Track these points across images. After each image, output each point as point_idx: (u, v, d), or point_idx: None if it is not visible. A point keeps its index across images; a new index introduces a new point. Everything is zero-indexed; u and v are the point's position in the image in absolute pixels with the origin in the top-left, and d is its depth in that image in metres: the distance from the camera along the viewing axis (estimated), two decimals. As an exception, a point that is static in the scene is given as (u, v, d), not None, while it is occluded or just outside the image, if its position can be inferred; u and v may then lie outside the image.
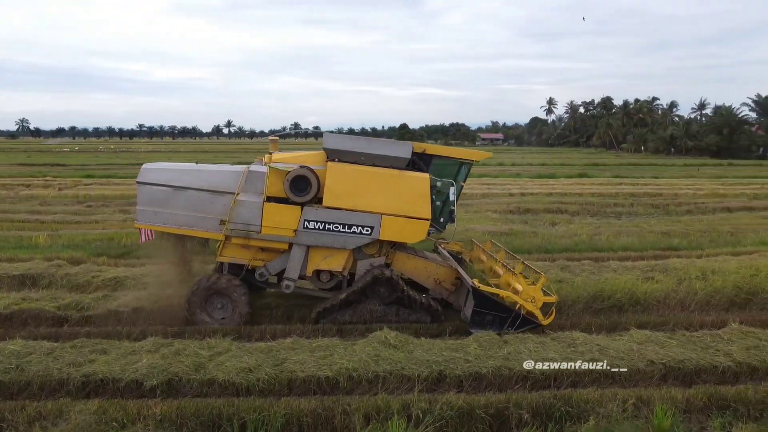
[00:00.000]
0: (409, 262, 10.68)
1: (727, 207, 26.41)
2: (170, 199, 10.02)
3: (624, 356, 8.37)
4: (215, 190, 9.98)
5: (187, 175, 10.16)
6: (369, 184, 9.86)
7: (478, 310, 9.46)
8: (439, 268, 10.78)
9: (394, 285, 10.12)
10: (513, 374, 7.90)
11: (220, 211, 9.94)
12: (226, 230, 9.88)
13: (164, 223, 10.06)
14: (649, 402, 7.10)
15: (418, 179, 9.96)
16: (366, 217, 9.84)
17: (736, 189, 34.13)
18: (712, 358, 8.40)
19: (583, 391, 7.44)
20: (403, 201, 9.89)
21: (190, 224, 10.05)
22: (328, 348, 8.56)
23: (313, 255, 10.16)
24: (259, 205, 9.83)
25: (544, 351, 8.49)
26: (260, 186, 9.95)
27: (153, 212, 10.05)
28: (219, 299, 10.14)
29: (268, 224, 9.81)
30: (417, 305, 10.19)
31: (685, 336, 9.16)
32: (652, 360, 8.26)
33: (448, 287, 10.68)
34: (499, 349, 8.53)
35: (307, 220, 9.80)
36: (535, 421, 6.81)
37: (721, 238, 18.33)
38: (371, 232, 9.89)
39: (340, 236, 9.89)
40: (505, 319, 9.43)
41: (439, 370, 7.88)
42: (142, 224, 10.14)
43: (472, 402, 6.99)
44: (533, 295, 9.52)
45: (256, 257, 10.35)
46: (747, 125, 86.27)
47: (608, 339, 9.01)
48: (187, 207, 10.00)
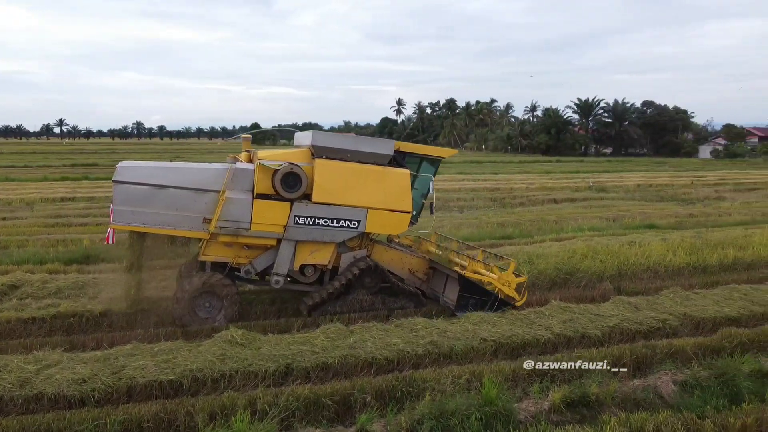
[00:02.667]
0: (386, 254, 11.22)
1: (554, 199, 29.22)
2: (150, 198, 9.67)
3: (460, 336, 9.02)
4: (198, 188, 9.80)
5: (168, 173, 9.86)
6: (355, 180, 10.27)
7: (463, 294, 10.46)
8: (412, 258, 11.49)
9: (380, 275, 10.65)
10: (359, 362, 8.18)
11: (203, 210, 9.81)
12: (214, 228, 9.74)
13: (144, 223, 9.71)
14: (480, 376, 7.73)
15: (400, 174, 10.55)
16: (353, 211, 10.26)
17: (562, 183, 37.85)
18: (535, 332, 9.32)
19: (423, 371, 7.91)
20: (387, 195, 10.41)
21: (171, 224, 9.78)
22: (171, 351, 8.26)
23: (300, 250, 10.37)
24: (249, 203, 9.82)
25: (387, 337, 8.89)
26: (248, 183, 9.92)
27: (131, 212, 9.65)
28: (207, 299, 10.01)
29: (258, 221, 9.88)
30: (401, 293, 10.79)
31: (514, 315, 10.06)
32: (485, 338, 8.99)
33: (421, 276, 11.43)
34: (345, 339, 8.79)
35: (297, 216, 10.01)
36: (378, 403, 7.12)
37: (547, 226, 20.27)
38: (358, 226, 10.34)
39: (328, 230, 10.22)
40: (485, 302, 10.45)
41: (286, 364, 7.95)
42: (119, 225, 9.74)
43: (318, 391, 7.15)
44: (508, 279, 10.57)
45: (240, 255, 10.36)
46: (571, 126, 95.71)
47: (447, 322, 9.63)
48: (168, 206, 9.72)
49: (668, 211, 24.98)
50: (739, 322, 10.21)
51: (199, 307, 10.04)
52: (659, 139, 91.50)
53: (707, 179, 42.30)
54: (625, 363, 8.37)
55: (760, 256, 14.54)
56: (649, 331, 9.66)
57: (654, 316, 10.13)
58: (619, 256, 14.04)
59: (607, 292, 11.89)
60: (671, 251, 14.42)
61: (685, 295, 11.25)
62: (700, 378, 7.63)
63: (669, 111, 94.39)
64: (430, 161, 11.37)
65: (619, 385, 7.42)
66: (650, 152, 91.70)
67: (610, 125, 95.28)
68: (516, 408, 6.87)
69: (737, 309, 10.61)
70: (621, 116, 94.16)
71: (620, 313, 10.20)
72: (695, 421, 6.65)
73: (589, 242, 15.73)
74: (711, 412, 6.89)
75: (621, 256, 13.99)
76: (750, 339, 9.23)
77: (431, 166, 11.39)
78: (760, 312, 10.56)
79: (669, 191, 34.34)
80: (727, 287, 11.91)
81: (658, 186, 37.21)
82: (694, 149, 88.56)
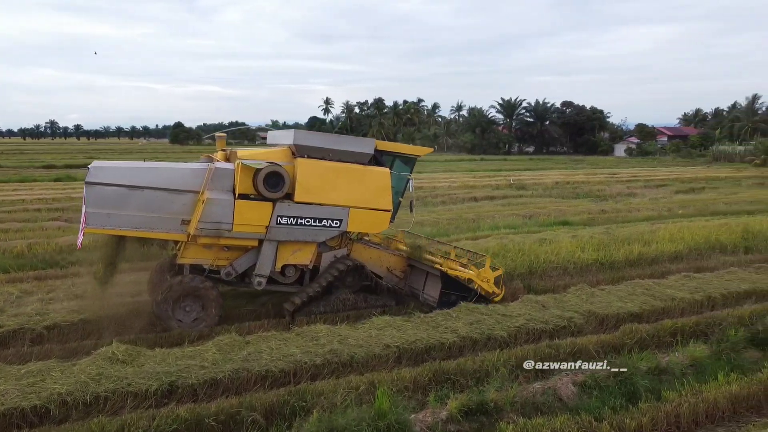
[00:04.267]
0: (365, 252, 11.25)
1: (474, 197, 29.45)
2: (125, 200, 9.32)
3: (363, 343, 8.62)
4: (175, 189, 9.51)
5: (144, 173, 9.51)
6: (337, 179, 10.21)
7: (445, 291, 10.71)
8: (390, 256, 11.60)
9: (363, 273, 10.67)
10: (251, 376, 7.63)
11: (181, 211, 9.56)
12: (195, 230, 9.45)
13: (119, 226, 9.36)
14: (380, 384, 7.36)
15: (381, 173, 10.57)
16: (335, 210, 10.20)
17: (484, 181, 38.36)
18: (441, 335, 9.05)
19: (319, 383, 7.47)
20: (369, 194, 10.41)
21: (148, 226, 9.50)
22: (40, 372, 7.42)
23: (282, 250, 10.24)
24: (231, 203, 9.58)
25: (286, 347, 8.38)
26: (228, 183, 9.67)
27: (106, 215, 9.26)
28: (189, 302, 9.74)
29: (240, 222, 9.67)
30: (383, 291, 10.86)
31: (421, 318, 9.76)
32: (388, 344, 8.63)
33: (398, 274, 11.52)
34: (239, 351, 8.21)
35: (279, 216, 9.86)
36: (267, 421, 6.62)
37: (465, 224, 20.27)
38: (340, 225, 10.29)
39: (311, 230, 10.12)
40: (466, 298, 10.66)
41: (170, 382, 7.29)
42: (93, 228, 9.32)
43: (201, 411, 6.55)
44: (486, 275, 10.98)
45: (220, 256, 10.16)
46: (495, 125, 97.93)
47: (351, 329, 9.22)
48: (144, 208, 9.40)
49: (582, 207, 25.63)
50: (641, 318, 10.35)
51: (180, 311, 9.76)
52: (578, 137, 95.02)
53: (620, 176, 44.00)
54: (529, 364, 8.24)
55: (663, 251, 14.97)
56: (554, 331, 9.59)
57: (560, 314, 10.10)
58: (530, 254, 14.09)
59: (517, 291, 11.86)
60: (580, 248, 14.62)
61: (591, 291, 11.33)
62: (599, 378, 7.55)
63: (587, 111, 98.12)
64: (404, 159, 11.38)
65: (519, 390, 7.22)
66: (570, 151, 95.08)
67: (532, 125, 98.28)
68: (412, 420, 6.52)
69: (639, 304, 10.76)
70: (542, 116, 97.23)
71: (527, 312, 10.11)
72: (592, 423, 6.53)
73: (502, 240, 15.76)
74: (608, 414, 6.79)
75: (532, 254, 14.05)
76: (650, 334, 9.33)
77: (405, 164, 11.39)
78: (660, 307, 10.74)
79: (585, 188, 35.38)
80: (632, 282, 12.11)
81: (574, 183, 38.30)
82: (609, 148, 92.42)
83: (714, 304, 11.26)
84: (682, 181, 40.62)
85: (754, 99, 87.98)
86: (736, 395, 7.25)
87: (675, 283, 12.12)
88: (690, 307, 10.97)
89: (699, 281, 12.29)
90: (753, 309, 10.55)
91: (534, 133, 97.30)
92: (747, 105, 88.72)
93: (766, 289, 12.04)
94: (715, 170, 52.86)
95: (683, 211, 24.62)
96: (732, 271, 13.24)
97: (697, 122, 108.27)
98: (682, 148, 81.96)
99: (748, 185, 38.92)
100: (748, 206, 26.12)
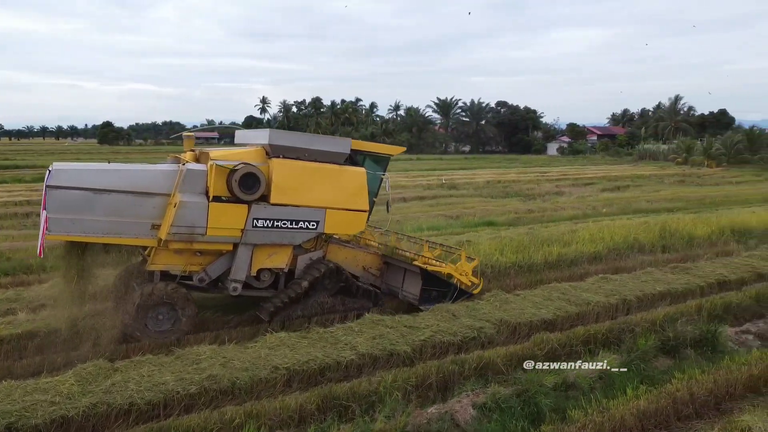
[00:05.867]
0: (340, 253, 10.98)
1: (404, 197, 28.88)
2: (91, 204, 8.81)
3: (249, 366, 7.72)
4: (144, 192, 9.09)
5: (110, 175, 9.05)
6: (313, 180, 9.95)
7: (426, 288, 10.69)
8: (366, 255, 11.38)
9: (340, 276, 10.44)
10: (112, 410, 6.63)
11: (151, 215, 9.14)
12: (167, 235, 8.96)
13: (84, 232, 8.83)
14: (258, 416, 6.53)
15: (357, 173, 10.35)
16: (312, 211, 9.92)
17: (416, 181, 37.94)
18: (339, 353, 8.26)
19: (190, 417, 6.55)
20: (345, 194, 10.18)
21: (116, 231, 9.02)
22: None
23: (257, 254, 9.91)
24: (204, 206, 9.19)
25: (159, 374, 7.39)
26: (201, 185, 9.30)
27: (70, 220, 8.72)
28: (159, 310, 9.26)
29: (215, 225, 9.26)
30: (360, 292, 10.62)
31: (319, 334, 8.93)
32: (277, 366, 7.77)
33: (375, 273, 11.32)
34: (103, 381, 7.16)
35: (255, 219, 9.50)
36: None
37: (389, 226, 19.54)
38: (317, 227, 10.01)
39: (287, 232, 9.82)
40: (446, 293, 10.71)
41: (8, 424, 6.22)
42: (56, 235, 8.73)
43: (35, 461, 5.54)
44: (464, 269, 11.06)
45: (193, 262, 9.72)
46: (432, 124, 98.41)
47: (239, 349, 8.30)
48: (111, 212, 8.93)
49: (510, 207, 25.49)
50: (555, 325, 9.90)
51: (152, 320, 9.27)
52: (512, 137, 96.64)
53: (550, 175, 44.58)
54: (431, 384, 7.59)
55: (582, 251, 14.70)
56: (462, 343, 8.97)
57: (471, 324, 9.50)
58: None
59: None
60: (499, 250, 14.12)
61: (506, 298, 10.80)
62: (501, 398, 6.93)
63: (521, 111, 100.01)
64: (375, 159, 11.10)
65: (412, 417, 6.52)
66: (505, 150, 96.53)
67: (468, 124, 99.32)
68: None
69: (554, 310, 10.31)
70: (477, 115, 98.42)
71: (436, 323, 9.46)
72: (489, 453, 5.90)
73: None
74: (508, 440, 6.18)
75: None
76: (561, 344, 8.84)
77: (376, 164, 11.10)
78: (574, 312, 10.33)
79: (515, 187, 35.49)
80: (549, 287, 11.70)
81: (505, 182, 38.42)
82: (543, 147, 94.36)
83: (629, 308, 10.97)
84: (609, 179, 41.46)
85: (676, 99, 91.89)
86: (644, 411, 6.78)
87: (591, 286, 11.78)
88: (605, 312, 10.62)
89: (615, 283, 12.00)
90: (666, 312, 10.26)
91: (470, 133, 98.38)
92: (670, 105, 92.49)
93: (680, 290, 11.88)
94: (640, 168, 54.49)
95: (607, 209, 24.83)
96: (648, 271, 13.06)
97: (624, 122, 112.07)
98: (611, 147, 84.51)
99: (671, 183, 40.15)
100: (669, 204, 26.66)
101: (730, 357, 8.47)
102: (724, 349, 8.95)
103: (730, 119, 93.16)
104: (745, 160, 58.72)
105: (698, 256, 14.99)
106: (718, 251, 15.86)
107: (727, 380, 7.62)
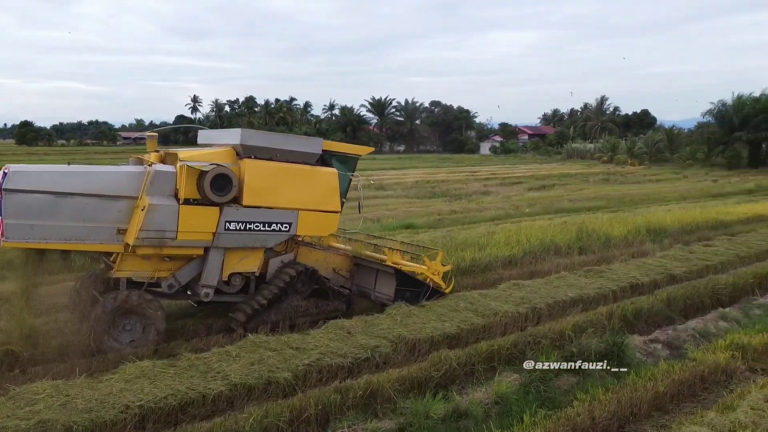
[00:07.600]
0: (311, 255, 10.78)
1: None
2: (52, 209, 8.33)
3: (95, 406, 6.54)
4: (109, 195, 8.65)
5: (73, 178, 8.54)
6: (286, 181, 9.70)
7: (400, 288, 10.61)
8: (335, 257, 11.19)
9: (313, 278, 10.16)
10: None
11: (116, 219, 8.71)
12: (135, 240, 8.55)
13: (45, 238, 8.35)
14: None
15: (329, 174, 10.16)
16: (284, 213, 9.66)
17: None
18: (207, 384, 7.19)
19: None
20: (318, 195, 9.98)
21: (79, 237, 8.54)
22: None
23: (229, 258, 9.55)
24: (174, 209, 8.79)
25: (-21, 422, 6.16)
26: (169, 187, 8.90)
27: (29, 226, 8.23)
28: (127, 319, 8.84)
29: (185, 229, 8.89)
30: (333, 295, 10.35)
31: (189, 360, 7.81)
32: (129, 404, 6.64)
33: (344, 275, 11.12)
34: None
35: (228, 221, 9.17)
36: None
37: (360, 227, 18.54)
38: (290, 229, 9.76)
39: (260, 235, 9.52)
40: (419, 293, 10.67)
41: None
42: (14, 242, 8.26)
43: None
44: (437, 269, 11.01)
45: (161, 268, 9.31)
46: (366, 124, 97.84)
47: (89, 383, 7.07)
48: (74, 216, 8.45)
49: (433, 208, 24.92)
50: (458, 340, 9.18)
51: (118, 330, 8.84)
52: (446, 136, 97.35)
53: (480, 174, 44.65)
54: (308, 417, 6.67)
55: (497, 256, 14.08)
56: (354, 365, 8.09)
57: (365, 343, 8.63)
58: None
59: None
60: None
61: (408, 311, 9.98)
62: (381, 435, 6.09)
63: (454, 111, 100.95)
64: (342, 159, 10.79)
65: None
66: (439, 149, 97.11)
67: (402, 123, 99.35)
68: None
69: (458, 323, 9.58)
70: (411, 115, 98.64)
71: (327, 343, 8.54)
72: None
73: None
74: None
75: (357, 267, 12.56)
76: (461, 362, 8.09)
77: (343, 164, 10.78)
78: (480, 325, 9.64)
79: (443, 187, 35.14)
80: (456, 295, 10.99)
81: (434, 182, 38.07)
82: (476, 146, 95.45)
83: (540, 317, 10.38)
84: (537, 178, 41.82)
85: (602, 100, 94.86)
86: (541, 442, 6.09)
87: (502, 294, 11.15)
88: (513, 323, 9.99)
89: (527, 290, 11.42)
90: (576, 321, 9.72)
91: (404, 132, 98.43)
92: (596, 105, 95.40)
93: (592, 295, 11.43)
94: (568, 167, 55.56)
95: (530, 209, 24.63)
96: (562, 276, 12.59)
97: (555, 122, 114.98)
98: (541, 146, 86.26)
99: (595, 181, 40.85)
100: (590, 203, 26.79)
101: (636, 372, 7.94)
102: (632, 362, 8.45)
103: (652, 119, 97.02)
104: (666, 159, 60.96)
105: (614, 258, 14.69)
106: (634, 252, 15.66)
107: (631, 399, 7.07)
